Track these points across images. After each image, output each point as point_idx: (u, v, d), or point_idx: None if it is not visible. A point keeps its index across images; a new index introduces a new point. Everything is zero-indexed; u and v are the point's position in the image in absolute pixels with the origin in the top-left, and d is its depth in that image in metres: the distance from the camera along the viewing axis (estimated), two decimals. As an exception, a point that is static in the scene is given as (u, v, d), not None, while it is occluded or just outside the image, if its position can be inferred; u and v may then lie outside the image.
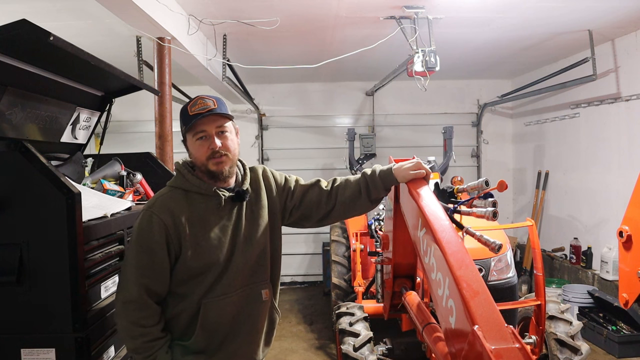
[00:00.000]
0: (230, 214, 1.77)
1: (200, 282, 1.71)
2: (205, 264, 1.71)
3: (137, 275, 1.64)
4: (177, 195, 1.73)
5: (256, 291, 1.82)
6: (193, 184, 1.74)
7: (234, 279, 1.75)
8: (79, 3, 3.74)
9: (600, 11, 4.28)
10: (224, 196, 1.74)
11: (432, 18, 4.20)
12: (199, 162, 1.73)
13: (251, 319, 1.81)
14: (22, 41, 1.65)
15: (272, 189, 1.92)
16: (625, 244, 2.21)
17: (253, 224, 1.82)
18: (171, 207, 1.69)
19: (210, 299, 1.72)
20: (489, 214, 1.71)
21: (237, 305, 1.76)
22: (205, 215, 1.72)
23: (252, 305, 1.81)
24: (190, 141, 1.75)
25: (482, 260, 3.44)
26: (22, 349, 1.62)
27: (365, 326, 3.43)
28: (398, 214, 2.12)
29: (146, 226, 1.66)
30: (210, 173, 1.73)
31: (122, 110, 6.59)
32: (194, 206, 1.72)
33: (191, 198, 1.73)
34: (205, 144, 1.71)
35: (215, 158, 1.71)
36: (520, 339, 1.12)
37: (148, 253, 1.65)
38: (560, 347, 3.14)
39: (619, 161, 5.25)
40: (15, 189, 1.59)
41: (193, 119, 1.69)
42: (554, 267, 6.21)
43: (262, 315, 1.86)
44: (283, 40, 5.02)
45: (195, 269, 1.70)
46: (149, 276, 1.65)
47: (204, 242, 1.70)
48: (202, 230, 1.70)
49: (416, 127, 7.69)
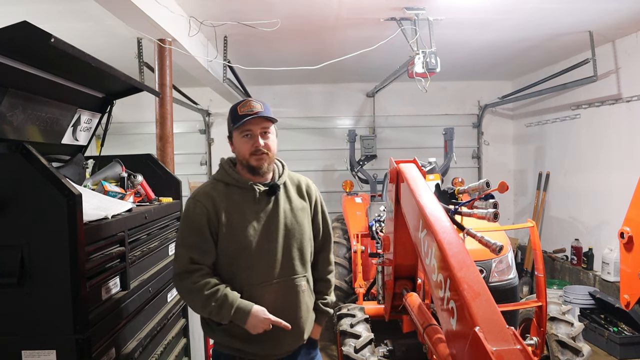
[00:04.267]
0: (266, 206, 1.95)
1: (237, 265, 1.89)
2: (239, 248, 1.89)
3: (185, 251, 1.87)
4: (219, 187, 1.96)
5: (295, 282, 1.97)
6: (233, 177, 1.96)
7: (270, 267, 1.92)
8: (80, 5, 3.75)
9: (600, 12, 4.28)
10: (259, 190, 1.94)
11: (433, 19, 4.20)
12: (242, 157, 1.95)
13: (292, 307, 1.96)
14: (23, 43, 1.65)
15: (310, 201, 2.11)
16: (627, 245, 2.21)
17: (291, 219, 1.99)
18: (212, 196, 1.92)
19: (251, 285, 1.89)
20: (490, 215, 1.71)
21: (276, 294, 1.92)
22: (242, 206, 1.93)
23: (291, 295, 1.96)
24: (236, 138, 1.96)
25: (483, 261, 3.43)
26: (23, 350, 1.61)
27: (366, 327, 3.42)
28: (399, 215, 2.12)
29: (192, 210, 1.90)
30: (251, 168, 1.94)
31: (123, 112, 6.59)
32: (233, 197, 1.93)
33: (230, 190, 1.95)
34: (250, 141, 1.92)
35: (256, 155, 1.92)
36: (522, 340, 1.12)
37: (193, 232, 1.88)
38: (562, 348, 3.13)
39: (620, 162, 5.24)
40: (16, 191, 1.59)
41: (242, 118, 1.90)
42: (555, 269, 6.20)
43: (303, 303, 2.00)
44: (284, 42, 5.02)
45: (230, 251, 1.89)
46: (196, 252, 1.87)
47: (238, 227, 1.90)
48: (238, 218, 1.91)
49: (417, 128, 7.69)
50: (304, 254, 2.01)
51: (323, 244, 2.16)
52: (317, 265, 2.14)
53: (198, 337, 3.26)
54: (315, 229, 2.11)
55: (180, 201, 2.90)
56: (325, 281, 2.15)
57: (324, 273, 2.15)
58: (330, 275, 2.17)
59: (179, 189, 2.90)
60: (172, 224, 2.75)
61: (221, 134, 7.66)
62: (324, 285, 2.15)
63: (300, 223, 2.01)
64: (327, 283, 2.16)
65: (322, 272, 2.15)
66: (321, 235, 2.14)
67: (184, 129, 7.45)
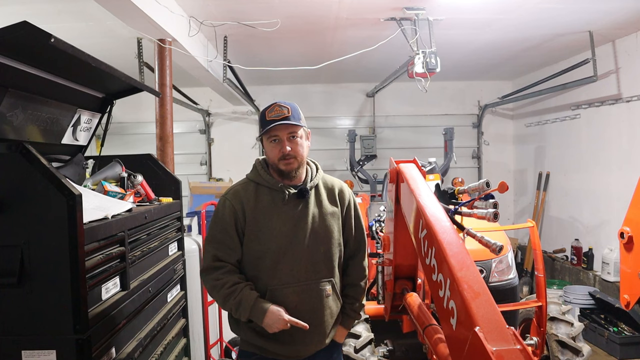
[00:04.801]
0: (294, 209, 1.97)
1: (262, 266, 1.93)
2: (263, 248, 1.93)
3: (212, 247, 1.94)
4: (250, 187, 2.00)
5: (320, 287, 1.98)
6: (264, 178, 2.00)
7: (295, 270, 1.93)
8: (80, 5, 3.75)
9: (600, 12, 4.28)
10: (288, 192, 1.96)
11: (433, 19, 4.20)
12: (272, 161, 1.98)
13: (315, 310, 1.97)
14: (23, 43, 1.65)
15: (342, 206, 2.10)
16: (627, 245, 2.21)
17: (319, 224, 2.00)
18: (241, 196, 1.97)
19: (275, 287, 1.92)
20: (490, 215, 1.71)
21: (299, 296, 1.94)
22: (270, 207, 1.96)
23: (315, 299, 1.97)
24: (265, 142, 1.99)
25: (483, 261, 3.43)
26: (22, 350, 1.61)
27: (366, 328, 3.42)
28: (399, 215, 2.11)
29: (221, 209, 1.97)
30: (280, 171, 1.97)
31: (123, 112, 6.60)
32: (262, 197, 1.97)
33: (260, 190, 1.99)
34: (278, 146, 1.94)
35: (285, 160, 1.94)
36: (522, 341, 1.12)
37: (221, 230, 1.94)
38: (562, 348, 3.13)
39: (620, 162, 5.24)
40: (16, 191, 1.59)
41: (269, 124, 1.92)
42: (555, 269, 6.20)
43: (327, 308, 2.00)
44: (284, 42, 5.02)
45: (255, 251, 1.94)
46: (222, 249, 1.93)
47: (264, 228, 1.93)
48: (264, 219, 1.94)
49: (417, 128, 7.69)
50: (331, 259, 2.01)
51: (355, 250, 2.14)
52: (348, 270, 2.13)
53: (198, 337, 3.26)
54: (346, 234, 2.10)
55: (180, 201, 2.90)
56: (356, 286, 2.13)
57: (355, 279, 2.13)
58: (362, 281, 2.15)
59: (179, 189, 2.89)
60: (172, 224, 2.75)
61: (221, 133, 7.67)
62: (355, 290, 2.13)
63: (329, 228, 2.01)
64: (358, 288, 2.14)
65: (353, 278, 2.13)
66: (353, 240, 2.12)
67: (184, 129, 7.45)
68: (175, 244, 2.79)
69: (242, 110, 7.44)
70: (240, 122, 7.68)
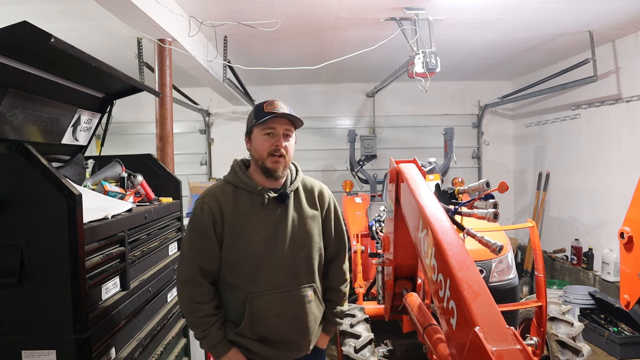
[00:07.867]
0: (273, 213, 1.90)
1: (240, 273, 1.87)
2: (242, 255, 1.86)
3: (191, 256, 1.86)
4: (227, 189, 1.91)
5: (301, 292, 1.93)
6: (242, 181, 1.91)
7: (275, 276, 1.87)
8: (80, 5, 3.75)
9: (600, 12, 4.28)
10: (268, 196, 1.88)
11: (433, 19, 4.20)
12: (259, 156, 1.88)
13: (297, 316, 1.92)
14: (23, 43, 1.65)
15: (322, 208, 2.03)
16: (627, 245, 2.20)
17: (299, 228, 1.93)
18: (219, 199, 1.87)
19: (255, 294, 1.86)
20: (490, 215, 1.71)
21: (281, 303, 1.88)
22: (249, 211, 1.88)
23: (297, 305, 1.92)
24: (256, 135, 1.89)
25: (483, 261, 3.43)
26: (22, 350, 1.61)
27: (366, 328, 3.42)
28: (399, 215, 2.12)
29: (198, 213, 1.87)
30: (265, 169, 1.88)
31: (123, 112, 6.60)
32: (240, 201, 1.88)
33: (238, 194, 1.90)
34: (271, 140, 1.86)
35: (274, 156, 1.86)
36: (522, 341, 1.12)
37: (199, 236, 1.86)
38: (562, 348, 3.13)
39: (620, 162, 5.24)
40: (16, 191, 1.59)
41: (267, 115, 1.84)
42: (555, 269, 6.20)
43: (310, 314, 1.95)
44: (283, 42, 5.02)
45: (233, 258, 1.87)
46: (202, 256, 1.86)
47: (243, 234, 1.86)
48: (243, 223, 1.86)
49: (417, 128, 7.69)
50: (312, 264, 1.95)
51: (335, 253, 2.08)
52: (329, 274, 2.07)
53: (198, 337, 3.26)
54: (326, 237, 2.03)
55: (180, 201, 2.90)
56: (336, 291, 2.08)
57: (335, 282, 2.08)
58: (342, 285, 2.09)
59: (179, 189, 2.89)
60: (172, 224, 2.75)
61: (221, 133, 7.67)
62: (335, 294, 2.08)
63: (309, 232, 1.94)
64: (338, 293, 2.08)
65: (333, 282, 2.08)
66: (333, 243, 2.06)
67: (184, 129, 7.45)
68: (175, 244, 2.79)
69: (242, 110, 7.43)
70: (240, 122, 7.68)
